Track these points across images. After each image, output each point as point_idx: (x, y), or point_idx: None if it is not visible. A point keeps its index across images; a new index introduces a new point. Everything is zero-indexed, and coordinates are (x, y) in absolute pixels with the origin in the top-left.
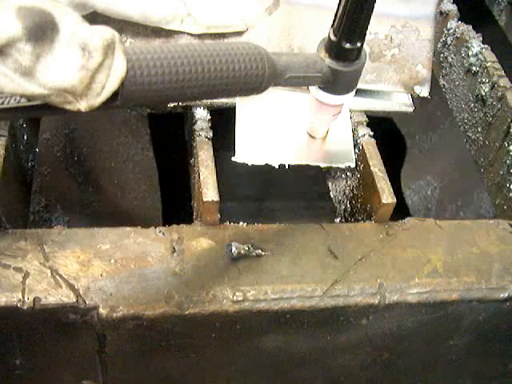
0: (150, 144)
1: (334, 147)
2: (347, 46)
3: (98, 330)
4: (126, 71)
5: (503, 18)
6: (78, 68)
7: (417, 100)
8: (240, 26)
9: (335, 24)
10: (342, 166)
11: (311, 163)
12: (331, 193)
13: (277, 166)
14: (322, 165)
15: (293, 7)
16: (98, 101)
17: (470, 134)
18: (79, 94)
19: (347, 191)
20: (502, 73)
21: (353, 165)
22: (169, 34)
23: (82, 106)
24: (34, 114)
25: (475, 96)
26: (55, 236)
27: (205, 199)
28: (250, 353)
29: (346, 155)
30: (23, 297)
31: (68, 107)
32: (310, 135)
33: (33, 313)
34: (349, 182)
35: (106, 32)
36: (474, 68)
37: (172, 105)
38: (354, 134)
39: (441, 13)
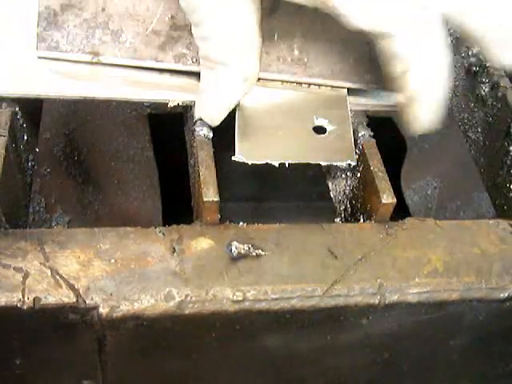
0: (150, 144)
1: (335, 145)
2: None
3: (98, 329)
4: None
5: None
6: None
7: None
8: None
9: None
10: (344, 163)
11: (312, 161)
12: (331, 193)
13: (277, 165)
14: (323, 163)
15: (293, 7)
16: None
17: (470, 134)
18: None
19: (347, 191)
20: (502, 73)
21: (354, 162)
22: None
23: None
24: None
25: (475, 96)
26: (55, 236)
27: (205, 199)
28: (250, 353)
29: (347, 153)
30: (23, 297)
31: None
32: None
33: (33, 313)
34: (349, 182)
35: None
36: (473, 68)
37: (172, 105)
38: (354, 133)
39: None
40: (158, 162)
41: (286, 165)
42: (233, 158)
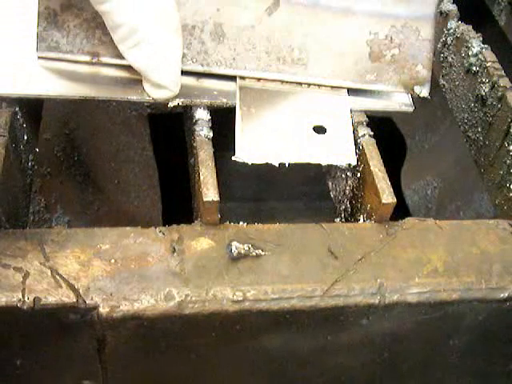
0: (150, 144)
1: (335, 145)
2: None
3: (98, 329)
4: None
5: (503, 18)
6: None
7: (417, 100)
8: None
9: None
10: (344, 163)
11: (312, 161)
12: (331, 193)
13: (277, 165)
14: (323, 163)
15: (293, 7)
16: None
17: (470, 134)
18: None
19: (347, 191)
20: (502, 73)
21: (354, 162)
22: None
23: None
24: None
25: (475, 96)
26: (55, 236)
27: (205, 199)
28: (250, 353)
29: (347, 153)
30: (23, 297)
31: None
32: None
33: (33, 313)
34: (349, 182)
35: None
36: (474, 68)
37: (172, 105)
38: (354, 133)
39: (441, 13)
40: (158, 161)
41: (286, 165)
42: (233, 158)
